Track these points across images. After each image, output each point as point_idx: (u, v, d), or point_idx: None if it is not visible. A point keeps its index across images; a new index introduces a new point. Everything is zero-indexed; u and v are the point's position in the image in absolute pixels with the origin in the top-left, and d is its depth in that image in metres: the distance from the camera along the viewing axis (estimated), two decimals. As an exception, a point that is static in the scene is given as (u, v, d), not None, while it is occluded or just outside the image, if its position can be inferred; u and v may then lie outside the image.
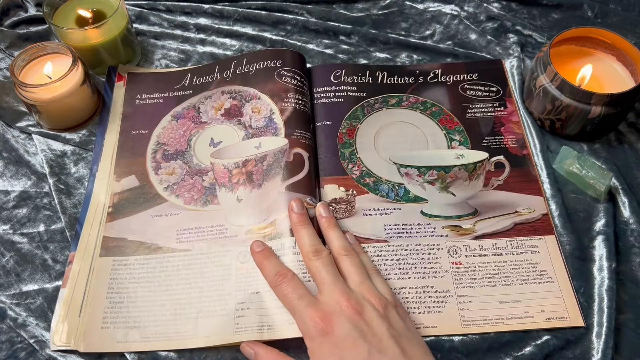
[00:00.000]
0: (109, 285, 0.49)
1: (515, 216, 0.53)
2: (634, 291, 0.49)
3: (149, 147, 0.58)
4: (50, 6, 0.61)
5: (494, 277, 0.49)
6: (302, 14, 0.70)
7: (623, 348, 0.46)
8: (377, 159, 0.57)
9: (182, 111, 0.61)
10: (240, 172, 0.53)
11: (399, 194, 0.55)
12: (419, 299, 0.48)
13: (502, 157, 0.56)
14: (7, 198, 0.55)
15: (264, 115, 0.58)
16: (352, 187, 0.54)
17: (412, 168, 0.54)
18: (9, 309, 0.49)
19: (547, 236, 0.51)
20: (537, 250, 0.51)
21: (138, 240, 0.52)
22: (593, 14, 0.69)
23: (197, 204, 0.54)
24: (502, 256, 0.50)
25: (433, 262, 0.50)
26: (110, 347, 0.46)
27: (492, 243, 0.51)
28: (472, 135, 0.58)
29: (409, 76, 0.63)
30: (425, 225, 0.52)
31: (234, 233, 0.51)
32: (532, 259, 0.50)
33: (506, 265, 0.50)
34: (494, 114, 0.60)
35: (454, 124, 0.59)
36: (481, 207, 0.54)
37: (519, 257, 0.50)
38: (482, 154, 0.55)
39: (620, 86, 0.56)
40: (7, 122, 0.60)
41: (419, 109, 0.60)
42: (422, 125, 0.59)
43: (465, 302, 0.48)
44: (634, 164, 0.57)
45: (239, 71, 0.62)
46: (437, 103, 0.61)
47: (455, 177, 0.53)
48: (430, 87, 0.62)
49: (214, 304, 0.47)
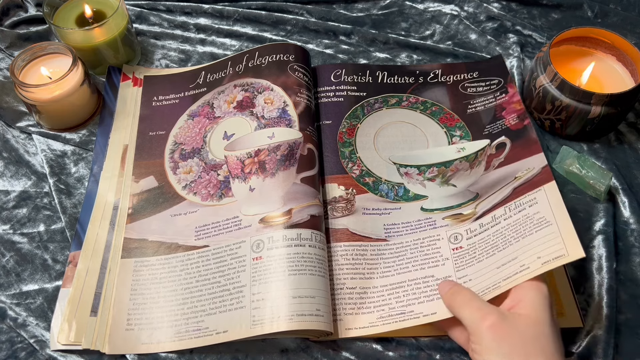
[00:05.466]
0: (132, 287, 0.49)
1: (515, 182, 0.51)
2: (634, 291, 0.49)
3: (166, 148, 0.58)
4: (50, 6, 0.61)
5: (492, 247, 0.47)
6: (302, 14, 0.70)
7: (623, 348, 0.46)
8: (376, 158, 0.56)
9: (197, 109, 0.61)
10: (252, 162, 0.53)
11: (399, 193, 0.54)
12: (418, 289, 0.47)
13: (503, 138, 0.54)
14: (7, 198, 0.55)
15: (277, 106, 0.58)
16: (352, 186, 0.54)
17: (412, 167, 0.53)
18: (9, 308, 0.49)
19: (546, 185, 0.48)
20: (536, 202, 0.47)
21: (158, 241, 0.52)
22: (593, 14, 0.69)
23: (213, 199, 0.54)
24: (501, 223, 0.48)
25: (433, 252, 0.49)
26: (135, 349, 0.46)
27: (492, 216, 0.49)
28: (474, 128, 0.57)
29: (409, 76, 0.63)
30: (425, 220, 0.52)
31: (247, 223, 0.51)
32: (529, 212, 0.47)
33: (504, 230, 0.47)
34: (495, 102, 0.59)
35: (454, 121, 0.58)
36: (482, 190, 0.53)
37: (516, 217, 0.48)
38: (483, 142, 0.54)
39: (620, 86, 0.56)
40: (7, 122, 0.60)
41: (419, 109, 0.60)
42: (422, 124, 0.59)
43: (465, 282, 0.46)
44: (633, 163, 0.57)
45: (250, 64, 0.62)
46: (437, 103, 0.60)
47: (456, 170, 0.52)
48: (430, 87, 0.62)
49: (231, 297, 0.47)
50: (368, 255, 0.50)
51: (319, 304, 0.45)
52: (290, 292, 0.45)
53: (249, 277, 0.48)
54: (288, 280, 0.46)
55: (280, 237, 0.48)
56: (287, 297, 0.45)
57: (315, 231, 0.49)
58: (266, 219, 0.50)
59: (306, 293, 0.45)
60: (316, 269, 0.47)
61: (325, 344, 0.47)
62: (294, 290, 0.45)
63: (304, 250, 0.48)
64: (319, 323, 0.44)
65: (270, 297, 0.46)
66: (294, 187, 0.52)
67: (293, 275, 0.46)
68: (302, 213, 0.50)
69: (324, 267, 0.48)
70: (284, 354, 0.46)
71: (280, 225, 0.49)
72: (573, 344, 0.46)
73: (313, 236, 0.49)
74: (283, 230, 0.49)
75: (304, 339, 0.47)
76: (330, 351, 0.47)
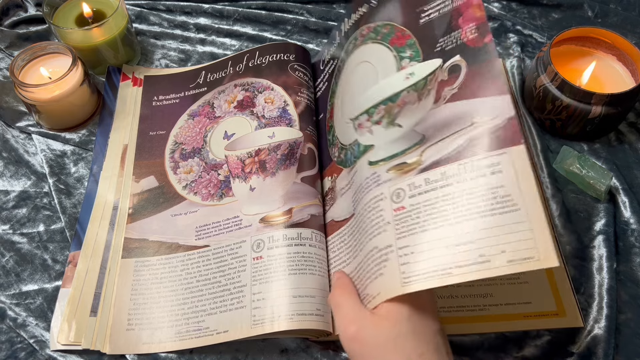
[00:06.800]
0: (133, 287, 0.49)
1: (472, 129, 0.38)
2: (635, 291, 0.49)
3: (167, 148, 0.58)
4: (50, 6, 0.61)
5: (441, 216, 0.37)
6: (302, 14, 0.70)
7: (624, 348, 0.46)
8: (343, 126, 0.49)
9: (197, 109, 0.61)
10: (253, 162, 0.53)
11: (355, 153, 0.46)
12: (362, 270, 0.41)
13: (457, 58, 0.41)
14: (6, 198, 0.55)
15: (277, 105, 0.58)
16: (335, 172, 0.51)
17: (362, 115, 0.44)
18: (9, 309, 0.49)
19: (513, 147, 0.36)
20: (500, 169, 0.36)
21: (159, 241, 0.52)
22: (593, 14, 0.69)
23: (213, 198, 0.54)
24: (453, 186, 0.37)
25: (377, 217, 0.41)
26: (136, 349, 0.46)
27: (441, 172, 0.38)
28: (425, 44, 0.44)
29: None
30: (372, 176, 0.43)
31: (248, 223, 0.51)
32: (491, 182, 0.36)
33: (457, 197, 0.37)
34: (452, 5, 0.43)
35: (405, 39, 0.46)
36: (429, 130, 0.41)
37: (473, 182, 0.36)
38: (434, 62, 0.42)
39: (621, 86, 0.56)
40: (6, 122, 0.60)
41: (371, 39, 0.48)
42: (372, 57, 0.47)
43: (405, 254, 0.38)
44: (634, 163, 0.57)
45: (251, 64, 0.62)
46: (388, 22, 0.47)
47: (403, 104, 0.42)
48: (381, 7, 0.49)
49: (232, 297, 0.47)
50: (346, 240, 0.46)
51: (319, 303, 0.45)
52: (291, 291, 0.45)
53: (250, 277, 0.47)
54: (288, 280, 0.46)
55: (280, 237, 0.48)
56: (287, 297, 0.45)
57: (315, 231, 0.49)
58: (266, 219, 0.50)
59: (306, 292, 0.45)
60: (316, 269, 0.47)
61: (325, 344, 0.47)
62: (294, 290, 0.45)
63: (305, 250, 0.47)
64: (319, 323, 0.44)
65: (270, 297, 0.46)
66: (294, 186, 0.52)
67: (293, 274, 0.46)
68: (302, 212, 0.50)
69: (324, 266, 0.48)
70: (284, 354, 0.46)
71: (281, 224, 0.49)
72: (573, 344, 0.46)
73: (313, 235, 0.48)
74: (283, 230, 0.49)
75: (304, 339, 0.47)
76: (330, 351, 0.47)
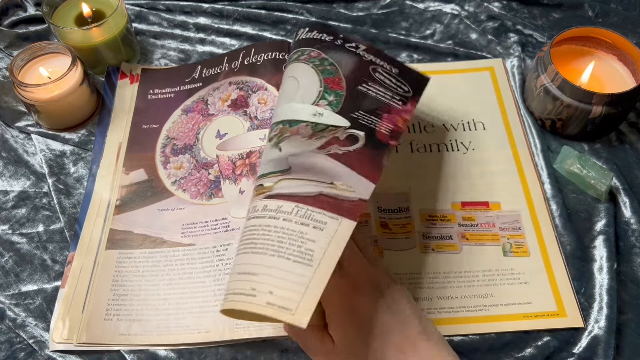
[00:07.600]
0: (114, 278, 0.49)
1: (328, 187, 0.40)
2: (635, 291, 0.49)
3: (158, 142, 0.58)
4: (50, 6, 0.61)
5: (251, 244, 0.38)
6: (302, 14, 0.70)
7: (624, 349, 0.46)
8: None
9: (191, 105, 0.61)
10: (243, 164, 0.53)
11: None
12: None
13: (361, 133, 0.43)
14: (6, 198, 0.55)
15: (270, 107, 0.57)
16: None
17: (275, 126, 0.45)
18: (8, 309, 0.49)
19: (346, 220, 0.38)
20: (322, 228, 0.38)
21: (144, 234, 0.52)
22: (594, 14, 0.69)
23: (202, 198, 0.54)
24: (278, 220, 0.38)
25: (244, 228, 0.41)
26: (112, 339, 0.46)
27: (278, 205, 0.39)
28: (348, 104, 0.45)
29: None
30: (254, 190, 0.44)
31: (236, 226, 0.51)
32: (308, 233, 0.37)
33: (273, 231, 0.38)
34: (389, 102, 0.46)
35: (338, 87, 0.47)
36: (297, 166, 0.42)
37: (295, 226, 0.38)
38: (342, 120, 0.44)
39: (621, 86, 0.56)
40: (6, 122, 0.60)
41: (314, 64, 0.48)
42: (304, 79, 0.48)
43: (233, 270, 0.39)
44: (634, 163, 0.57)
45: (246, 62, 0.62)
46: (338, 64, 0.48)
47: (296, 132, 0.43)
48: (343, 50, 0.49)
49: (215, 298, 0.47)
50: None
51: None
52: None
53: None
54: None
55: None
56: None
57: None
58: None
59: None
60: None
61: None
62: None
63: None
64: None
65: None
66: None
67: None
68: None
69: None
70: (284, 354, 0.46)
71: None
72: (574, 345, 0.46)
73: None
74: None
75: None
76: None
